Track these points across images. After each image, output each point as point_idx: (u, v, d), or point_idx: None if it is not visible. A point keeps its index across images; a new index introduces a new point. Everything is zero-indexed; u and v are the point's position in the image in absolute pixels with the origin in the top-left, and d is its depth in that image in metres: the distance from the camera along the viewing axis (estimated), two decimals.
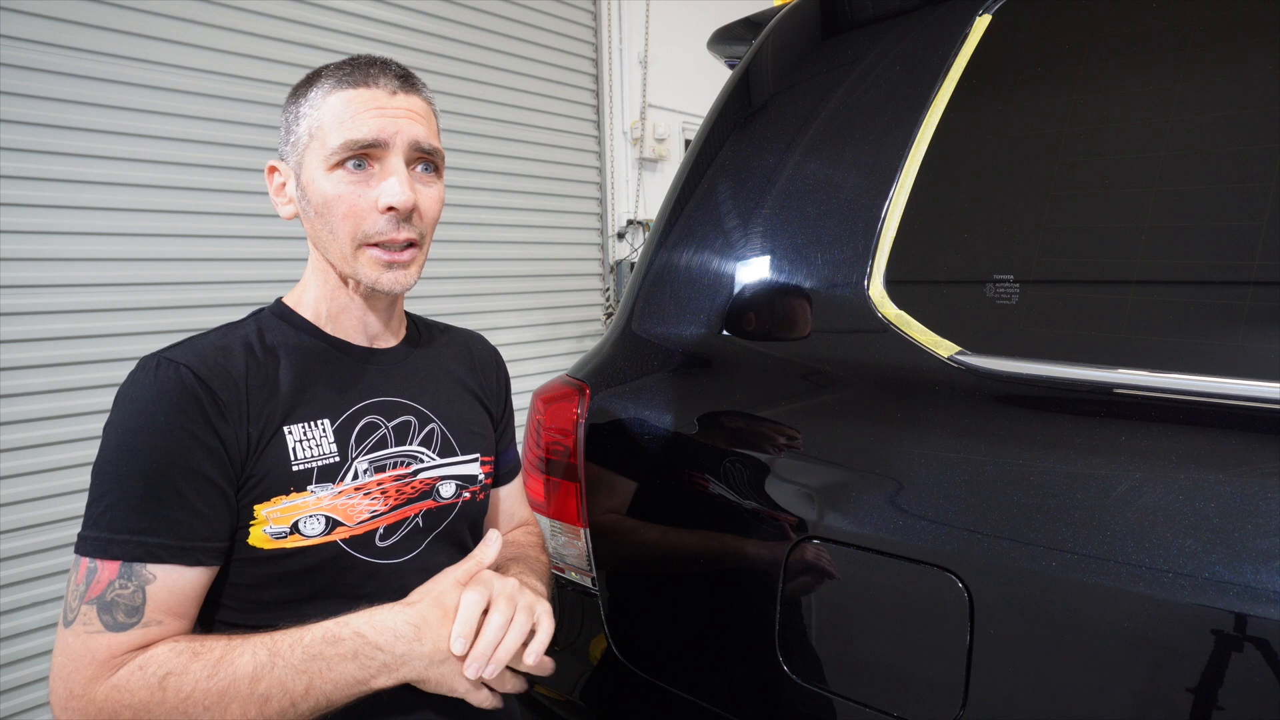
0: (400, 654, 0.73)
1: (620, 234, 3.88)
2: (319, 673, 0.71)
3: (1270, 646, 0.62)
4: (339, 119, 0.79)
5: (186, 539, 0.73)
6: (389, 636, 0.73)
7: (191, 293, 2.38)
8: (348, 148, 0.78)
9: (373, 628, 0.73)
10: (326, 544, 0.79)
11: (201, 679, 0.69)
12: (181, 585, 0.73)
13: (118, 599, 0.70)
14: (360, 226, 0.80)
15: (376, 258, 0.81)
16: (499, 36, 3.28)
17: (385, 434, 0.86)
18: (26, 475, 2.07)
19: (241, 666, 0.69)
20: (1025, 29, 0.94)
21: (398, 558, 0.85)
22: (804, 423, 0.94)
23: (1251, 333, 0.73)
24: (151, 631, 0.71)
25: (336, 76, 0.81)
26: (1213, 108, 0.80)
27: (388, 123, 0.79)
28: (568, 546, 1.14)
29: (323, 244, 0.83)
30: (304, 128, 0.81)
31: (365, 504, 0.82)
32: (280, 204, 0.86)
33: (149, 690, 0.68)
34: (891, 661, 0.84)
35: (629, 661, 1.07)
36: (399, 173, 0.79)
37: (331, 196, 0.79)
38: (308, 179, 0.81)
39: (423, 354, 0.95)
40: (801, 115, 1.09)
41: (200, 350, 0.78)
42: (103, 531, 0.71)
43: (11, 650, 2.05)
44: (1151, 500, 0.69)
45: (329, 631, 0.73)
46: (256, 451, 0.77)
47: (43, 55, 2.07)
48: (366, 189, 0.80)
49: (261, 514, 0.77)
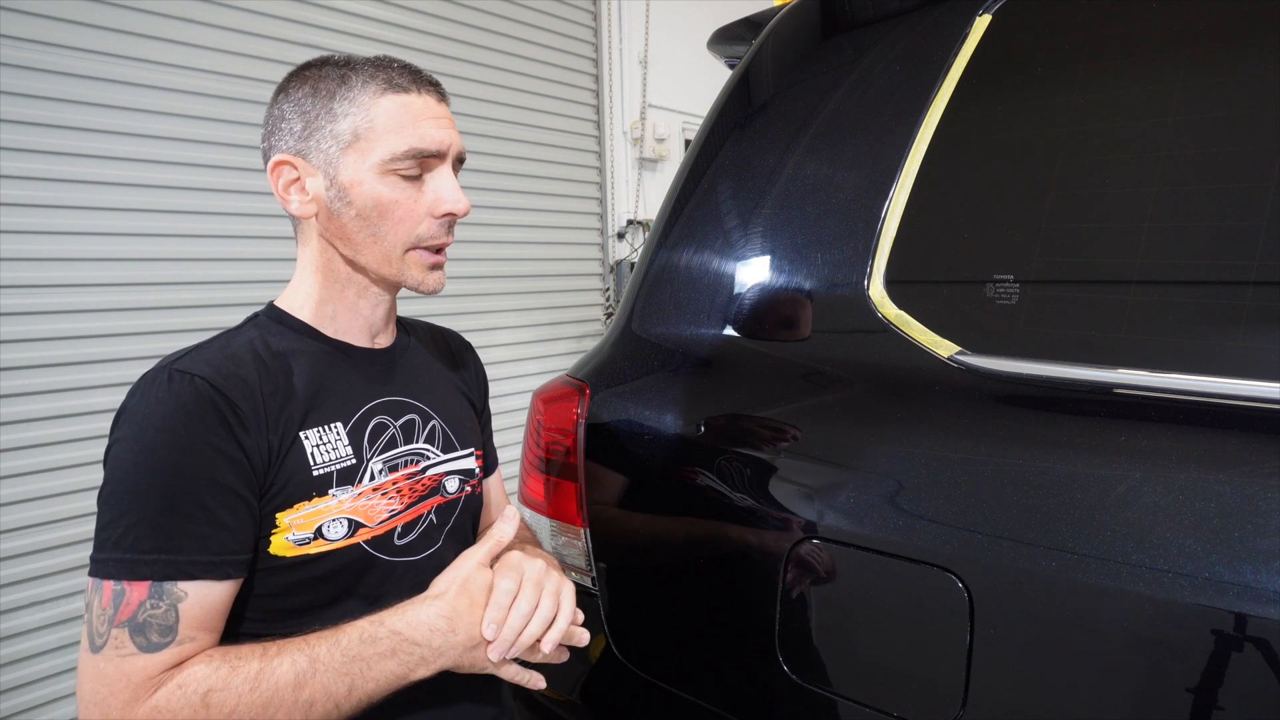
0: (437, 646, 0.74)
1: (620, 234, 3.88)
2: (360, 673, 0.71)
3: (1270, 646, 0.62)
4: (398, 124, 0.79)
5: (216, 553, 0.71)
6: (424, 631, 0.74)
7: (191, 293, 2.38)
8: (412, 155, 0.79)
9: (408, 624, 0.74)
10: (350, 546, 0.80)
11: (244, 693, 0.68)
12: (212, 600, 0.72)
13: (150, 620, 0.69)
14: (415, 230, 0.82)
15: (423, 260, 0.84)
16: (499, 36, 3.28)
17: (394, 433, 0.86)
18: (26, 475, 2.06)
19: (283, 676, 0.69)
20: (1025, 29, 0.94)
21: (415, 555, 0.86)
22: (804, 423, 0.94)
23: (1251, 333, 0.73)
24: (186, 649, 0.70)
25: (380, 79, 0.80)
26: (1213, 108, 0.80)
27: (445, 133, 0.82)
28: (568, 546, 1.14)
29: (356, 244, 0.81)
30: (346, 126, 0.79)
31: (384, 504, 0.83)
32: (296, 201, 0.82)
33: (192, 709, 0.67)
34: (891, 661, 0.84)
35: (629, 661, 1.07)
36: (452, 180, 0.83)
37: (387, 200, 0.80)
38: (352, 179, 0.79)
39: (415, 352, 0.96)
40: (801, 115, 1.09)
41: (211, 360, 0.76)
42: (126, 553, 0.69)
43: (11, 650, 2.05)
44: (1151, 500, 0.69)
45: (365, 632, 0.73)
46: (278, 459, 0.76)
47: (43, 55, 2.06)
48: (420, 194, 0.81)
49: (284, 521, 0.76)
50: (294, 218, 0.84)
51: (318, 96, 0.80)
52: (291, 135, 0.81)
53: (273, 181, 0.82)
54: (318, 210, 0.81)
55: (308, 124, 0.80)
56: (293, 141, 0.81)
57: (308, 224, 0.84)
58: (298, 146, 0.80)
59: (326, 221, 0.82)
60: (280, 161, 0.81)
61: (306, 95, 0.80)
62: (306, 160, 0.80)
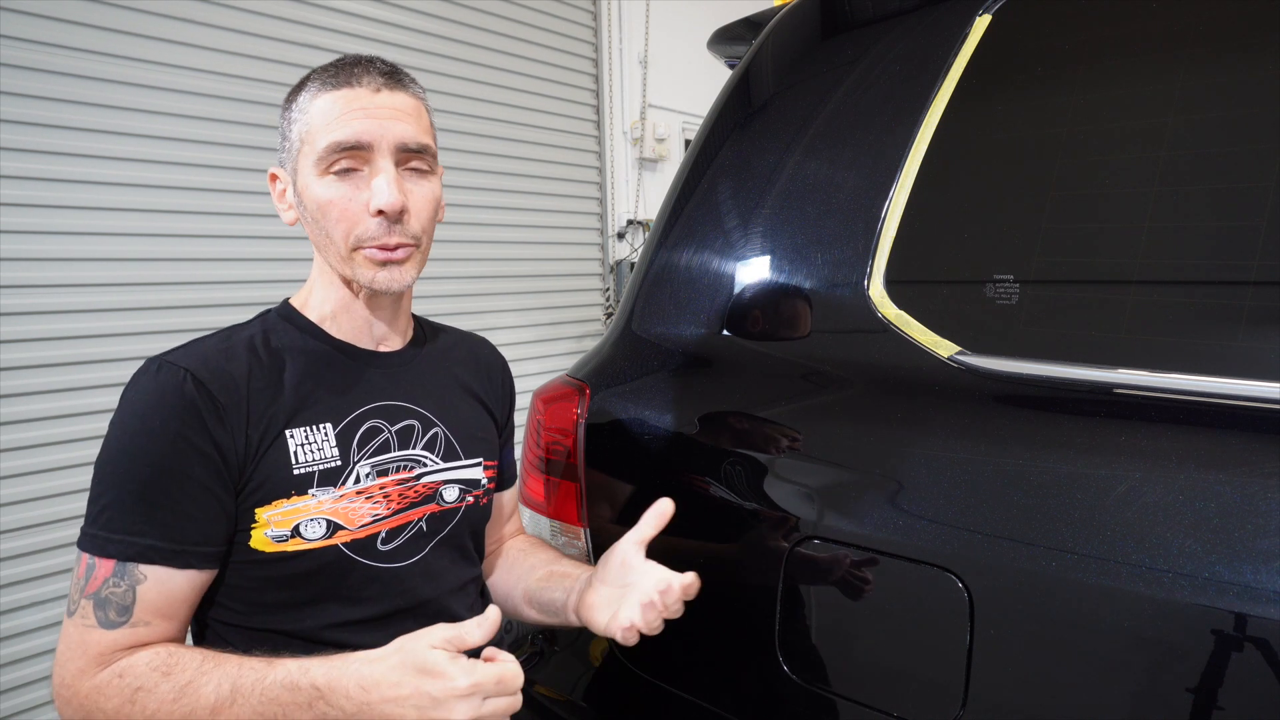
0: (350, 714, 0.67)
1: (620, 234, 3.88)
2: (274, 717, 0.68)
3: (1270, 646, 0.62)
4: (325, 122, 0.78)
5: (178, 542, 0.73)
6: (341, 696, 0.67)
7: (192, 293, 2.38)
8: (332, 150, 0.78)
9: (328, 682, 0.68)
10: (327, 548, 0.79)
11: (166, 702, 0.69)
12: (171, 588, 0.74)
13: (110, 596, 0.72)
14: (353, 230, 0.79)
15: (371, 257, 0.80)
16: (499, 36, 3.28)
17: (388, 438, 0.86)
18: (26, 475, 2.06)
19: (204, 697, 0.69)
20: (1025, 29, 0.94)
21: (400, 561, 0.85)
22: (804, 423, 0.94)
23: (1251, 333, 0.73)
24: (140, 632, 0.73)
25: (322, 79, 0.80)
26: (1213, 108, 0.80)
27: (372, 124, 0.78)
28: (568, 547, 1.14)
29: (321, 247, 0.84)
30: (295, 133, 0.81)
31: (367, 508, 0.82)
32: (283, 210, 0.86)
33: (121, 700, 0.70)
34: (891, 661, 0.84)
35: (629, 661, 1.07)
36: (387, 173, 0.78)
37: (324, 201, 0.79)
38: (302, 184, 0.81)
39: (428, 357, 0.95)
40: (801, 115, 1.09)
41: (203, 353, 0.78)
42: (100, 530, 0.73)
43: (11, 650, 2.05)
44: (1151, 500, 0.69)
45: (290, 677, 0.69)
46: (256, 455, 0.77)
47: (43, 55, 2.06)
48: (358, 192, 0.79)
49: (263, 517, 0.77)
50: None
51: (286, 107, 0.83)
52: (278, 147, 0.86)
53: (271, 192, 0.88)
54: (298, 217, 0.85)
55: (282, 134, 0.84)
56: (278, 154, 0.86)
57: None
58: (280, 158, 0.85)
59: (305, 227, 0.85)
60: (271, 174, 0.86)
61: (284, 106, 0.84)
62: (284, 170, 0.85)
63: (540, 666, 1.18)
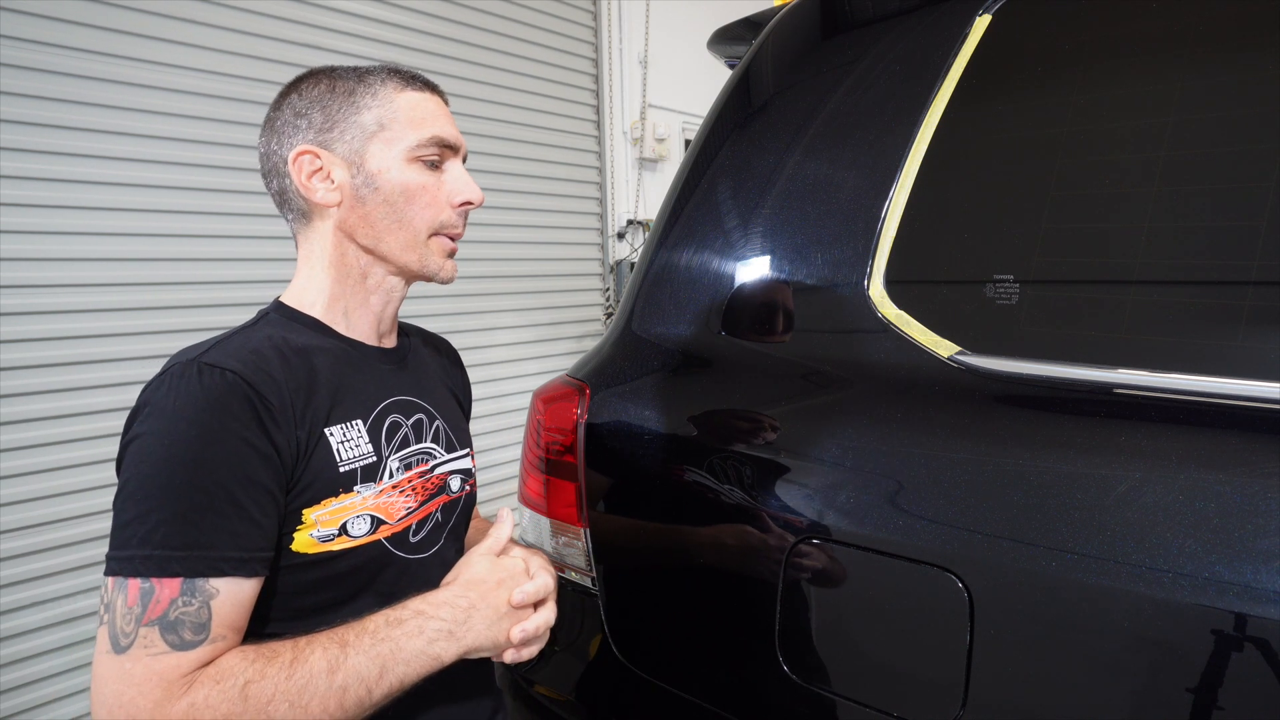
0: (461, 620, 0.77)
1: (620, 234, 3.88)
2: (389, 654, 0.72)
3: (1270, 646, 0.62)
4: (420, 116, 0.84)
5: (248, 550, 0.71)
6: (446, 607, 0.77)
7: (191, 292, 2.38)
8: (435, 142, 0.84)
9: (429, 603, 0.77)
10: (372, 543, 0.80)
11: (280, 680, 0.68)
12: (242, 598, 0.71)
13: (182, 617, 0.67)
14: (438, 216, 0.86)
15: (444, 245, 0.88)
16: (499, 36, 3.28)
17: (407, 432, 0.87)
18: (26, 475, 2.06)
19: (316, 663, 0.69)
20: (1025, 29, 0.94)
21: (425, 552, 0.87)
22: (804, 423, 0.94)
23: (1251, 333, 0.73)
24: (218, 647, 0.69)
25: (398, 78, 0.86)
26: (1213, 108, 0.80)
27: (457, 131, 0.88)
28: (567, 546, 1.14)
29: (379, 231, 0.84)
30: (370, 117, 0.83)
31: (401, 501, 0.84)
32: (320, 190, 0.83)
33: (230, 703, 0.66)
34: (891, 661, 0.84)
35: (629, 661, 1.07)
36: (467, 174, 0.88)
37: (415, 185, 0.84)
38: (378, 166, 0.83)
39: (416, 353, 0.97)
40: (801, 115, 1.09)
41: (236, 354, 0.75)
42: (155, 549, 0.67)
43: (11, 650, 2.05)
44: (1151, 500, 0.69)
45: (389, 615, 0.75)
46: (305, 455, 0.76)
47: (43, 55, 2.06)
48: (441, 183, 0.86)
49: (310, 518, 0.76)
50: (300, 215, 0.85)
51: (336, 92, 0.83)
52: (311, 128, 0.83)
53: (294, 173, 0.83)
54: (341, 199, 0.83)
55: (329, 116, 0.83)
56: (313, 134, 0.83)
57: (319, 219, 0.85)
58: (319, 139, 0.83)
59: (349, 210, 0.84)
60: (303, 151, 0.82)
61: (324, 91, 0.84)
62: (329, 151, 0.83)
63: (540, 666, 1.18)
